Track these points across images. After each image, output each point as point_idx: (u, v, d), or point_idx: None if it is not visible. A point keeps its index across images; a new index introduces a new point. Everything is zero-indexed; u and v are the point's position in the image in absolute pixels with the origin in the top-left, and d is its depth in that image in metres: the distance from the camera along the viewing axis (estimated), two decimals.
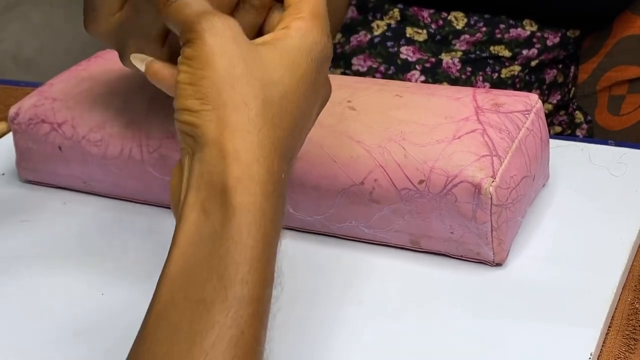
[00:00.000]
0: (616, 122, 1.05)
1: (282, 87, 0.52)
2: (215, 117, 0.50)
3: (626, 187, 0.71)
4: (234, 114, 0.50)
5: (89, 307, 0.65)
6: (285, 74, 0.52)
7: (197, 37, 0.51)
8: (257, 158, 0.50)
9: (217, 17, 0.52)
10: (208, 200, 0.49)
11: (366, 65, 1.03)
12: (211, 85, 0.50)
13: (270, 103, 0.51)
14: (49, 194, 0.78)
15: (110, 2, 0.59)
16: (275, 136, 0.51)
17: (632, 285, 0.64)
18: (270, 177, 0.50)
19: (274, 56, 0.52)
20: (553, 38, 1.03)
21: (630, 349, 0.59)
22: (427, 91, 0.69)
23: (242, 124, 0.50)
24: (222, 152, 0.49)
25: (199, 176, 0.50)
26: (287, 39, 0.54)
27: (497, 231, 0.63)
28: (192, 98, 0.51)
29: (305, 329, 0.62)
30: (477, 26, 1.02)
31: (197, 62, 0.51)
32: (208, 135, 0.50)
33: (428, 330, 0.61)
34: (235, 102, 0.50)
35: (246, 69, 0.51)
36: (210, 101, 0.50)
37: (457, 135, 0.64)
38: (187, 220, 0.49)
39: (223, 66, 0.51)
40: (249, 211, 0.49)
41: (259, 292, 0.48)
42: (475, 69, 1.02)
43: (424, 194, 0.63)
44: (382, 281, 0.65)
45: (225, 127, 0.50)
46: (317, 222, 0.68)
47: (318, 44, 0.54)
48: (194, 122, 0.50)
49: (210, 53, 0.51)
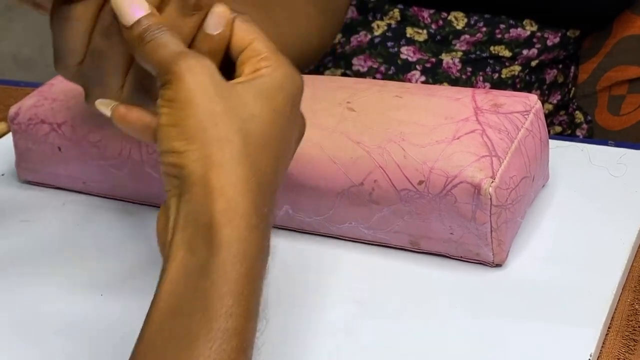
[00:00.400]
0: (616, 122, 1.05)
1: (261, 122, 0.52)
2: (201, 156, 0.50)
3: (626, 187, 0.71)
4: (219, 151, 0.50)
5: (88, 307, 0.65)
6: (263, 109, 0.53)
7: (176, 78, 0.51)
8: (242, 192, 0.50)
9: (193, 57, 0.52)
10: (194, 237, 0.50)
11: (366, 65, 1.03)
12: (195, 124, 0.51)
13: (251, 139, 0.52)
14: (49, 194, 0.78)
15: (71, 56, 0.58)
16: (258, 170, 0.51)
17: (631, 285, 0.64)
18: (255, 210, 0.50)
19: (251, 93, 0.53)
20: (553, 38, 1.03)
21: (629, 349, 0.59)
22: (426, 92, 0.69)
23: (227, 160, 0.50)
24: (208, 189, 0.50)
25: (186, 216, 0.50)
26: (260, 77, 0.54)
27: (497, 232, 0.63)
28: (177, 139, 0.51)
29: (305, 329, 0.62)
30: (477, 26, 1.02)
31: (178, 102, 0.51)
32: (195, 175, 0.50)
33: (428, 330, 0.61)
34: (220, 139, 0.51)
35: (226, 106, 0.51)
36: (196, 140, 0.51)
37: (457, 136, 0.64)
38: (175, 259, 0.50)
39: (204, 105, 0.51)
40: (233, 245, 0.49)
41: (243, 324, 0.49)
42: (475, 69, 1.02)
43: (423, 195, 0.63)
44: (382, 281, 0.65)
45: (211, 165, 0.50)
46: (316, 223, 0.68)
47: (289, 77, 0.55)
48: (181, 164, 0.51)
49: (191, 93, 0.51)
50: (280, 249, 0.68)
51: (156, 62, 0.53)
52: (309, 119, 0.67)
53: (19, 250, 0.72)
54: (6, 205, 0.77)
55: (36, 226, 0.74)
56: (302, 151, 0.66)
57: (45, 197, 0.78)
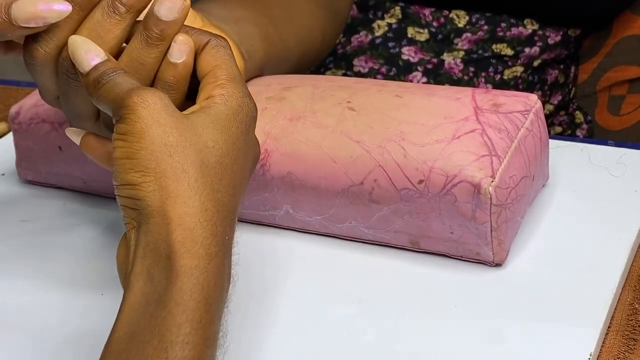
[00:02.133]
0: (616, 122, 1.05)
1: (217, 151, 0.53)
2: (157, 187, 0.51)
3: (626, 187, 0.71)
4: (175, 182, 0.51)
5: (89, 307, 0.65)
6: (218, 138, 0.53)
7: (130, 111, 0.52)
8: (200, 222, 0.51)
9: (146, 91, 0.53)
10: (153, 266, 0.50)
11: (367, 66, 1.03)
12: (149, 156, 0.51)
13: (207, 168, 0.52)
14: (49, 194, 0.78)
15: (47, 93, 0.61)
16: (216, 199, 0.52)
17: (631, 285, 0.64)
18: (214, 239, 0.51)
19: (205, 122, 0.54)
20: (554, 36, 1.03)
21: (629, 348, 0.59)
22: (426, 91, 0.69)
23: (182, 190, 0.51)
24: (166, 220, 0.50)
25: (145, 247, 0.51)
26: (214, 106, 0.55)
27: (497, 231, 0.63)
28: (132, 172, 0.52)
29: (305, 329, 0.62)
30: (478, 24, 1.02)
31: (131, 136, 0.52)
32: (152, 207, 0.51)
33: (428, 330, 0.61)
34: (175, 170, 0.51)
35: (180, 137, 0.52)
36: (151, 172, 0.51)
37: (457, 135, 0.64)
38: (133, 288, 0.50)
39: (158, 136, 0.52)
40: (191, 274, 0.50)
41: (200, 353, 0.49)
42: (477, 70, 1.02)
43: (423, 194, 0.63)
44: (382, 281, 0.65)
45: (167, 196, 0.51)
46: (317, 223, 0.68)
47: (242, 106, 0.55)
48: (137, 195, 0.51)
49: (144, 125, 0.52)
50: (280, 249, 0.69)
51: (111, 100, 0.54)
52: (309, 119, 0.68)
53: (19, 250, 0.72)
54: (6, 205, 0.77)
55: (36, 226, 0.74)
56: (302, 151, 0.66)
57: (45, 197, 0.78)
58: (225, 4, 0.76)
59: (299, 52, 0.82)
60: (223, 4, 0.76)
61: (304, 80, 0.72)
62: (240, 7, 0.76)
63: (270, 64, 0.76)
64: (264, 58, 0.74)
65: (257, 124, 0.68)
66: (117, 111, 0.53)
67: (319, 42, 0.87)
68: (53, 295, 0.67)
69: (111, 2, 0.57)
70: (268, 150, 0.68)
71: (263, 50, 0.74)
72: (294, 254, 0.68)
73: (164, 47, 0.57)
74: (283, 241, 0.69)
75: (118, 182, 0.52)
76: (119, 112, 0.53)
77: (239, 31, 0.72)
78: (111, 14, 0.57)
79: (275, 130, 0.68)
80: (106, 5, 0.57)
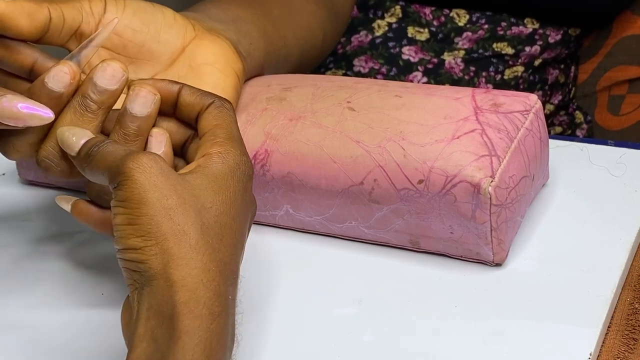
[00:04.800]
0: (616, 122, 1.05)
1: (216, 211, 0.53)
2: (159, 250, 0.51)
3: (626, 187, 0.71)
4: (176, 244, 0.51)
5: (90, 306, 0.65)
6: (216, 198, 0.54)
7: (126, 177, 0.52)
8: (203, 282, 0.51)
9: (141, 155, 0.53)
10: (156, 327, 0.50)
11: (367, 66, 1.03)
12: (149, 220, 0.51)
13: (207, 228, 0.52)
14: (49, 194, 0.78)
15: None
16: (217, 259, 0.52)
17: (631, 285, 0.64)
18: (217, 299, 0.51)
19: (202, 183, 0.54)
20: (555, 35, 1.03)
21: (629, 348, 0.59)
22: (426, 91, 0.69)
23: (184, 252, 0.51)
24: (169, 282, 0.51)
25: (148, 309, 0.51)
26: (210, 165, 0.55)
27: (497, 231, 0.63)
28: (133, 237, 0.52)
29: (305, 329, 0.62)
30: (479, 23, 1.02)
31: (130, 202, 0.52)
32: (154, 269, 0.51)
33: (428, 330, 0.61)
34: (176, 233, 0.51)
35: (179, 199, 0.52)
36: (152, 236, 0.51)
37: (456, 135, 0.64)
38: (137, 350, 0.50)
39: (157, 200, 0.52)
40: (194, 333, 0.50)
41: None
42: (478, 69, 1.02)
43: (423, 194, 0.63)
44: (382, 281, 0.65)
45: (169, 259, 0.51)
46: (317, 223, 0.68)
47: (239, 164, 0.56)
48: (139, 259, 0.51)
49: (142, 190, 0.52)
50: (281, 249, 0.69)
51: (106, 168, 0.54)
52: (309, 119, 0.68)
53: (19, 250, 0.72)
54: (7, 205, 0.77)
55: (37, 226, 0.74)
56: (302, 151, 0.67)
57: (46, 197, 0.78)
58: (222, 5, 0.76)
59: (299, 51, 0.82)
60: (220, 5, 0.76)
61: (304, 81, 0.72)
62: (237, 8, 0.77)
63: (271, 63, 0.76)
64: (264, 56, 0.75)
65: (257, 124, 0.69)
66: (114, 178, 0.53)
67: (320, 42, 0.87)
68: (52, 295, 0.67)
69: (81, 100, 0.58)
70: (268, 150, 0.68)
71: (263, 48, 0.74)
72: (294, 254, 0.68)
73: (142, 142, 0.58)
74: (283, 241, 0.69)
75: (120, 246, 0.53)
76: (115, 179, 0.53)
77: (237, 30, 0.72)
78: (83, 112, 0.58)
79: (275, 130, 0.68)
80: (77, 105, 0.58)
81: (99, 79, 0.58)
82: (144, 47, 0.65)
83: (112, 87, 0.58)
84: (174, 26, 0.67)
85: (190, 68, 0.67)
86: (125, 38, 0.65)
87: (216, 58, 0.68)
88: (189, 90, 0.59)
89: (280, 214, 0.69)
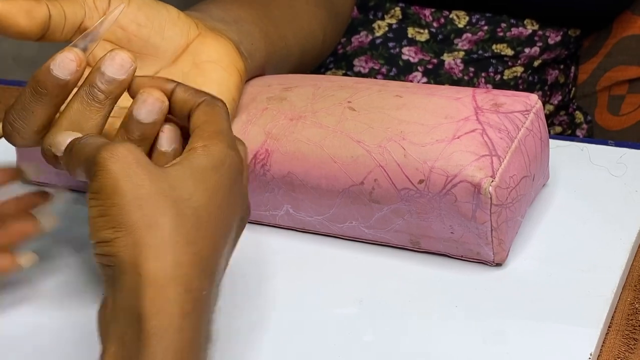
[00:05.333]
0: (616, 122, 1.05)
1: (194, 202, 0.51)
2: (130, 242, 0.49)
3: (626, 187, 0.71)
4: (147, 234, 0.49)
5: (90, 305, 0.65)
6: (195, 190, 0.52)
7: (100, 167, 0.51)
8: (174, 277, 0.49)
9: (116, 145, 0.52)
10: (126, 329, 0.48)
11: (368, 66, 1.03)
12: (120, 210, 0.50)
13: (182, 219, 0.50)
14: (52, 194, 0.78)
15: None
16: (191, 252, 0.50)
17: (632, 285, 0.64)
18: (188, 295, 0.49)
19: (182, 174, 0.52)
20: (555, 36, 1.03)
21: (630, 348, 0.59)
22: (427, 91, 0.69)
23: (155, 243, 0.49)
24: (137, 276, 0.49)
25: (118, 307, 0.49)
26: (193, 158, 0.53)
27: (497, 231, 0.63)
28: (105, 229, 0.50)
29: (305, 329, 0.62)
30: (478, 24, 1.02)
31: (103, 193, 0.51)
32: (125, 262, 0.49)
33: (428, 330, 0.61)
34: (147, 222, 0.50)
35: (152, 188, 0.50)
36: (123, 227, 0.50)
37: (457, 135, 0.64)
38: (107, 353, 0.49)
39: (128, 189, 0.50)
40: (162, 336, 0.48)
41: None
42: (478, 70, 1.02)
43: (423, 194, 0.63)
44: (382, 281, 0.65)
45: (140, 250, 0.49)
46: (317, 223, 0.68)
47: (225, 157, 0.54)
48: (110, 252, 0.50)
49: (114, 180, 0.50)
50: (280, 249, 0.69)
51: (83, 161, 0.53)
52: (310, 118, 0.68)
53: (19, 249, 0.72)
54: None
55: None
56: (302, 151, 0.67)
57: None
58: (224, 5, 0.76)
59: (300, 52, 0.82)
60: (221, 5, 0.76)
61: (304, 81, 0.72)
62: (239, 8, 0.77)
63: (271, 63, 0.76)
64: (265, 57, 0.75)
65: (257, 124, 0.69)
66: (89, 170, 0.52)
67: (320, 42, 0.87)
68: (53, 295, 0.67)
69: (89, 90, 0.57)
70: (268, 150, 0.68)
71: (264, 49, 0.74)
72: (294, 254, 0.68)
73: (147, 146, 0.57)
74: (283, 241, 0.69)
75: (93, 240, 0.51)
76: (90, 170, 0.52)
77: (239, 31, 0.72)
78: (90, 101, 0.57)
79: (276, 130, 0.68)
80: (84, 94, 0.57)
81: (107, 68, 0.56)
82: (149, 42, 0.65)
83: (120, 77, 0.57)
84: (177, 23, 0.66)
85: (194, 65, 0.67)
86: (130, 32, 0.64)
87: (220, 56, 0.68)
88: (183, 87, 0.57)
89: (281, 213, 0.69)
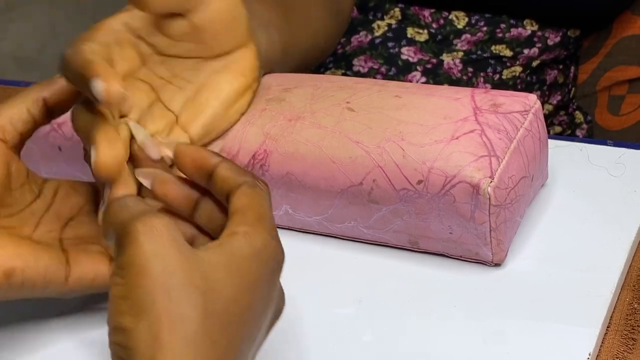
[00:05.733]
0: (616, 122, 1.05)
1: (226, 296, 0.47)
2: (149, 336, 0.45)
3: (625, 187, 0.71)
4: (169, 331, 0.45)
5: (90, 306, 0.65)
6: (229, 281, 0.47)
7: (132, 240, 0.47)
8: None
9: (154, 218, 0.48)
10: None
11: (367, 66, 1.03)
12: (145, 295, 0.46)
13: (210, 316, 0.46)
14: None
15: None
16: (214, 356, 0.46)
17: (630, 285, 0.64)
18: None
19: (218, 262, 0.48)
20: (554, 37, 1.03)
21: (628, 348, 0.60)
22: (425, 92, 0.69)
23: (177, 343, 0.45)
24: None
25: None
26: (232, 243, 0.49)
27: (496, 231, 0.63)
28: (126, 315, 0.46)
29: (304, 329, 0.62)
30: (478, 25, 1.02)
31: (131, 270, 0.46)
32: (142, 359, 0.45)
33: (427, 330, 0.61)
34: (171, 315, 0.45)
35: (184, 276, 0.46)
36: (145, 315, 0.45)
37: (456, 136, 0.64)
38: None
39: (158, 273, 0.46)
40: None
41: None
42: (476, 70, 1.02)
43: (422, 195, 0.63)
44: (382, 281, 0.65)
45: (159, 347, 0.45)
46: (316, 223, 0.69)
47: (267, 247, 0.50)
48: (127, 344, 0.46)
49: (145, 259, 0.46)
50: None
51: (116, 226, 0.49)
52: (308, 119, 0.68)
53: None
54: None
55: None
56: (301, 151, 0.67)
57: None
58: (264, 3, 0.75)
59: (304, 57, 0.82)
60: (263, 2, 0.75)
61: (303, 81, 0.72)
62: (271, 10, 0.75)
63: (278, 67, 0.76)
64: (274, 65, 0.74)
65: (256, 124, 0.69)
66: (119, 239, 0.48)
67: (323, 44, 0.87)
68: None
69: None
70: (267, 150, 0.68)
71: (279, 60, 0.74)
72: (294, 254, 0.68)
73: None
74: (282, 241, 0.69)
75: (111, 324, 0.47)
76: (120, 241, 0.48)
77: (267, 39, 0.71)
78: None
79: (275, 130, 0.68)
80: None
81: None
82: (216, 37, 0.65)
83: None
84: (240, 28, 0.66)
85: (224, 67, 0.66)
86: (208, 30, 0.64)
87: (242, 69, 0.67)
88: (226, 165, 0.54)
89: (280, 214, 0.69)
